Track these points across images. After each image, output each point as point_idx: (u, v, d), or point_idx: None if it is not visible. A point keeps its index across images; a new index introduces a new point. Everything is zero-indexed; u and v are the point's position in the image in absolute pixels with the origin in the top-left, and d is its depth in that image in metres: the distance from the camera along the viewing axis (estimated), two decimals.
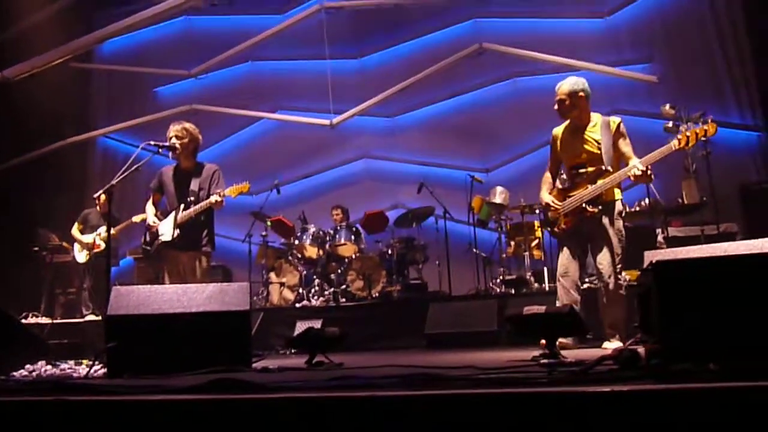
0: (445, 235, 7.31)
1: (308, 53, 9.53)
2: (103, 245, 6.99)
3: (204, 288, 3.47)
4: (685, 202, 6.61)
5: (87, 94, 9.85)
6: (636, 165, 4.01)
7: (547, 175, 4.60)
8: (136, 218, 6.96)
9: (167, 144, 4.74)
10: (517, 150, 8.77)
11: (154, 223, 4.83)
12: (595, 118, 4.34)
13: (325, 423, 1.66)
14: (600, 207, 4.18)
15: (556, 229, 4.46)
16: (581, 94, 4.30)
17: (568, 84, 4.33)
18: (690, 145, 4.04)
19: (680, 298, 1.77)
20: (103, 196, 7.13)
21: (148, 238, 4.88)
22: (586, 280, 5.75)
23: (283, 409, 1.72)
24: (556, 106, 4.39)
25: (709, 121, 4.13)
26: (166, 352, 3.18)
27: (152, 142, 4.63)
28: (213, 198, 4.62)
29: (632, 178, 4.08)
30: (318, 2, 9.08)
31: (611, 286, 4.09)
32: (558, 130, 4.49)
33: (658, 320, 1.79)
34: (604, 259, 4.13)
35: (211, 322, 3.31)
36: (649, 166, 4.02)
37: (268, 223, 7.55)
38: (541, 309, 2.90)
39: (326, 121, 8.95)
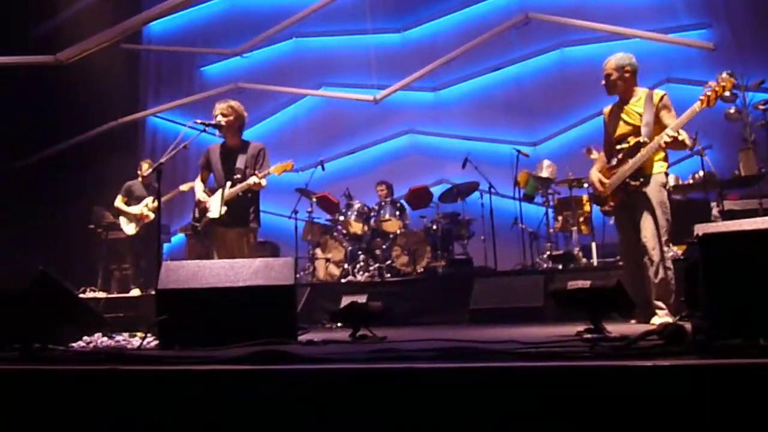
0: (490, 211, 7.25)
1: (351, 28, 9.53)
2: (152, 215, 7.13)
3: (250, 263, 3.54)
4: (743, 173, 6.35)
5: (136, 75, 10.09)
6: (666, 132, 3.98)
7: (601, 155, 4.62)
8: (184, 187, 7.13)
9: (213, 122, 4.82)
10: (565, 122, 8.60)
11: (203, 199, 4.93)
12: (640, 92, 4.31)
13: (364, 394, 1.68)
14: (641, 180, 4.15)
15: (606, 207, 4.48)
16: (627, 68, 4.29)
17: (615, 59, 4.33)
18: (712, 103, 3.96)
19: (727, 271, 1.71)
20: (145, 166, 7.41)
21: (197, 215, 5.00)
22: None
23: (324, 380, 1.76)
24: (603, 82, 4.38)
25: (727, 75, 4.02)
26: (214, 325, 3.27)
27: (198, 121, 4.72)
28: (251, 180, 4.68)
29: (665, 146, 4.03)
30: None
31: (655, 258, 4.01)
32: (607, 108, 4.51)
33: (704, 295, 1.74)
34: (648, 231, 4.07)
35: (258, 296, 3.38)
36: (680, 131, 3.99)
37: (314, 200, 7.63)
38: (586, 283, 2.85)
39: (370, 97, 8.93)
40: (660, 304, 3.97)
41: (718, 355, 1.63)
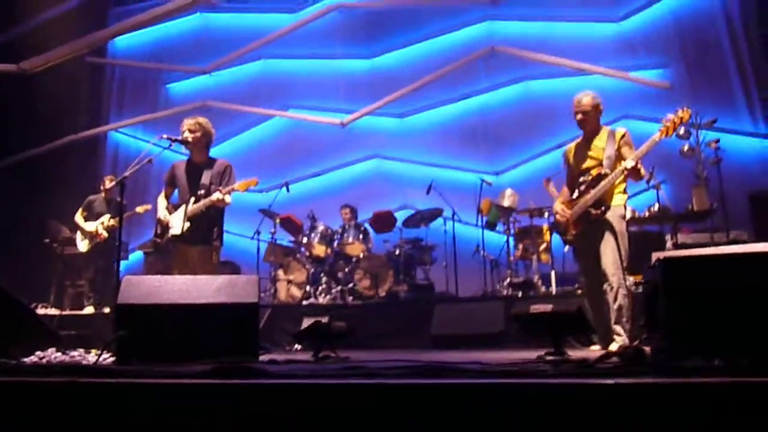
0: (453, 238, 7.33)
1: (321, 52, 9.60)
2: (105, 234, 6.96)
3: (213, 280, 3.50)
4: (695, 208, 6.58)
5: (100, 89, 9.93)
6: (627, 160, 4.20)
7: (564, 189, 4.83)
8: (140, 209, 7.00)
9: (180, 138, 4.79)
10: (527, 153, 8.78)
11: (165, 216, 4.86)
12: (604, 129, 4.58)
13: (334, 410, 1.68)
14: (602, 208, 4.34)
15: (568, 236, 4.62)
16: (600, 108, 4.57)
17: (591, 98, 4.56)
18: (670, 133, 4.22)
19: (685, 294, 1.78)
20: (108, 181, 7.25)
21: (158, 231, 4.92)
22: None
23: (293, 396, 1.74)
24: (579, 117, 4.57)
25: (686, 108, 4.27)
26: (174, 342, 3.21)
27: (165, 136, 4.69)
28: (215, 195, 4.64)
29: (625, 174, 4.25)
30: (332, 1, 9.13)
31: (615, 285, 4.15)
32: (570, 145, 4.76)
33: (663, 316, 1.80)
34: (608, 258, 4.24)
35: (220, 314, 3.34)
36: (640, 162, 4.21)
37: (277, 221, 7.59)
38: (548, 308, 2.91)
39: (337, 120, 8.99)
40: (618, 329, 4.08)
41: (676, 374, 1.68)
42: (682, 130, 6.54)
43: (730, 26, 8.10)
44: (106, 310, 6.50)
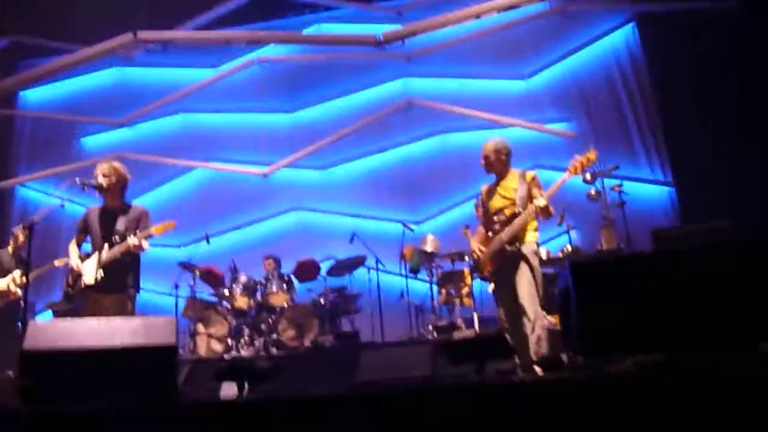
0: (377, 285, 7.38)
1: (242, 107, 9.65)
2: (19, 292, 6.51)
3: (129, 321, 3.37)
4: (605, 248, 6.95)
5: (7, 142, 9.52)
6: (540, 198, 4.50)
7: (480, 228, 5.07)
8: (58, 262, 6.61)
9: (93, 182, 4.65)
10: (446, 203, 9.04)
11: (77, 265, 4.65)
12: (514, 172, 4.89)
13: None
14: (517, 245, 4.57)
15: (485, 274, 4.80)
16: (504, 151, 4.88)
17: (493, 143, 4.92)
18: (579, 172, 4.56)
19: (595, 294, 1.88)
20: (21, 234, 6.79)
21: (70, 281, 4.69)
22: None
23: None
24: (482, 162, 4.93)
25: (592, 149, 4.64)
26: (87, 390, 3.03)
27: (78, 180, 4.54)
28: (131, 240, 4.49)
29: (539, 213, 4.49)
30: (253, 55, 9.27)
31: (532, 317, 4.30)
32: (484, 186, 5.05)
33: (576, 317, 1.89)
34: (524, 292, 4.42)
35: (137, 357, 3.19)
36: (549, 204, 4.50)
37: (197, 273, 7.38)
38: (471, 333, 2.96)
39: (259, 171, 8.99)
40: (538, 362, 4.19)
41: (590, 371, 1.76)
42: (588, 176, 6.98)
43: (626, 85, 8.81)
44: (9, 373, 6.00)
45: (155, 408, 1.93)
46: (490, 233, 4.79)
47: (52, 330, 3.21)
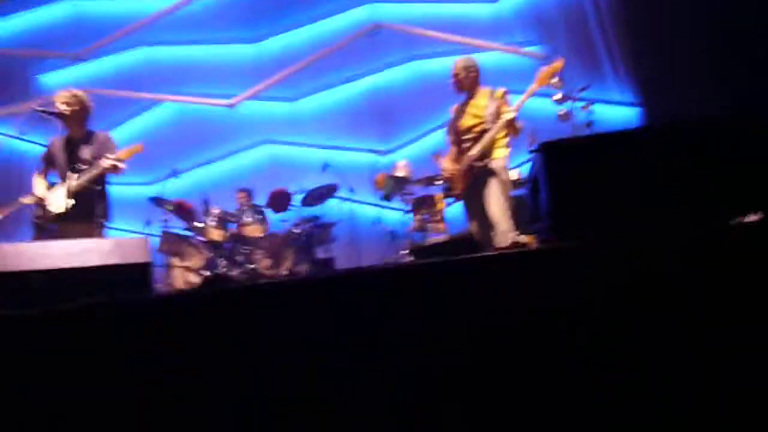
0: (351, 214, 7.41)
1: (204, 38, 9.34)
2: None
3: (101, 242, 3.34)
4: None
5: None
6: (509, 110, 4.58)
7: (452, 148, 5.08)
8: (25, 199, 6.48)
9: (55, 110, 4.51)
10: (418, 131, 9.00)
11: (44, 194, 4.56)
12: (484, 90, 4.91)
13: None
14: (486, 161, 4.59)
15: (456, 192, 4.83)
16: (473, 69, 4.92)
17: (462, 60, 4.97)
18: (545, 81, 4.65)
19: (566, 175, 1.91)
20: None
21: (39, 213, 4.60)
22: None
23: None
24: (452, 80, 4.93)
25: (559, 58, 4.65)
26: None
27: (39, 108, 4.39)
28: (106, 162, 4.41)
29: (509, 130, 4.44)
30: None
31: (503, 227, 4.36)
32: (454, 106, 5.06)
33: (546, 199, 1.92)
34: (494, 206, 4.49)
35: (111, 277, 3.18)
36: (516, 118, 4.57)
37: (169, 208, 7.30)
38: (443, 237, 3.01)
39: (225, 101, 8.81)
40: None
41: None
42: (558, 96, 6.99)
43: (595, 7, 8.71)
44: None
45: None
46: (461, 149, 4.81)
47: (21, 252, 3.16)
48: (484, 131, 4.64)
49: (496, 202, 4.46)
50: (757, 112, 1.91)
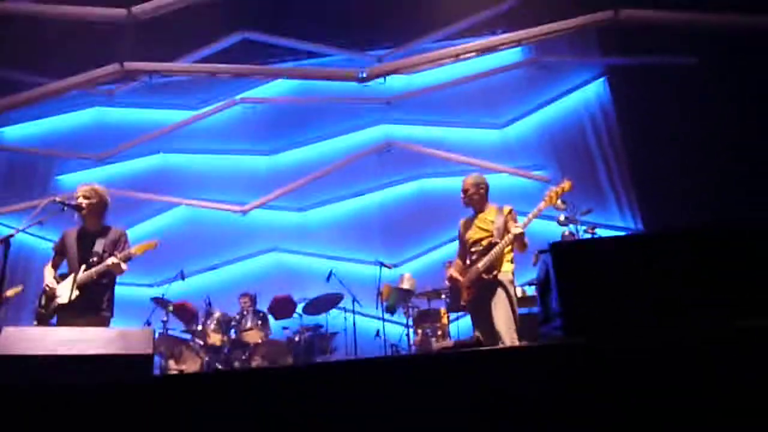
0: (353, 325, 7.34)
1: (221, 148, 9.74)
2: None
3: (104, 331, 3.31)
4: None
5: None
6: (517, 226, 4.69)
7: (457, 260, 5.22)
8: (10, 292, 6.50)
9: (73, 203, 4.64)
10: (423, 247, 9.12)
11: (53, 284, 4.58)
12: (491, 206, 5.09)
13: None
14: (493, 274, 4.65)
15: (462, 302, 4.85)
16: (482, 186, 5.13)
17: (471, 178, 5.19)
18: (553, 201, 4.61)
19: (574, 276, 1.94)
20: None
21: (43, 301, 4.60)
22: None
23: None
24: (462, 195, 5.14)
25: (566, 180, 4.79)
26: None
27: (58, 198, 4.52)
28: (110, 260, 4.47)
29: (514, 245, 4.55)
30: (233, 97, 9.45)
31: (508, 343, 4.33)
32: (463, 219, 5.22)
33: (555, 298, 1.95)
34: (500, 319, 4.49)
35: (112, 367, 3.13)
36: (524, 234, 4.68)
37: (170, 309, 7.26)
38: (450, 343, 2.99)
39: (237, 207, 9.02)
40: None
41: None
42: (562, 218, 7.15)
43: (597, 136, 9.14)
44: None
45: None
46: (468, 262, 4.89)
47: (25, 336, 3.14)
48: (491, 245, 4.75)
49: (503, 314, 4.47)
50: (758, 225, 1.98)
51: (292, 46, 9.20)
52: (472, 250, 4.94)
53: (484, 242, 4.84)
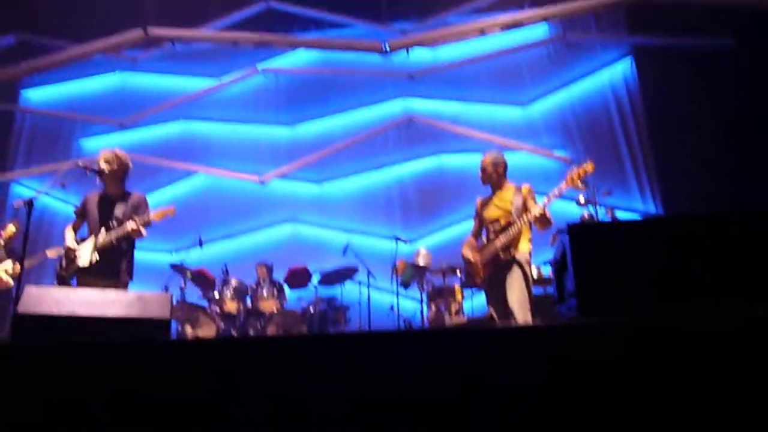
0: (368, 298, 7.38)
1: (242, 117, 9.75)
2: (11, 282, 6.50)
3: (124, 294, 3.37)
4: None
5: (5, 137, 9.56)
6: (537, 206, 4.62)
7: (471, 238, 5.14)
8: (51, 252, 6.61)
9: (95, 167, 4.69)
10: (440, 222, 9.10)
11: (73, 247, 4.65)
12: (510, 185, 5.01)
13: None
14: (511, 251, 4.60)
15: (477, 280, 4.83)
16: (501, 164, 5.05)
17: (490, 156, 5.10)
18: (575, 182, 4.52)
19: (591, 257, 1.93)
20: (9, 229, 6.84)
21: (64, 263, 4.68)
22: None
23: None
24: (480, 174, 5.07)
25: (589, 161, 4.70)
26: None
27: (80, 162, 4.57)
28: (129, 225, 4.52)
29: (535, 224, 4.51)
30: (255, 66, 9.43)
31: (521, 320, 4.33)
32: (480, 198, 5.16)
33: (571, 278, 1.94)
34: (514, 297, 4.48)
35: (130, 329, 3.20)
36: (547, 210, 4.59)
37: (188, 276, 7.36)
38: (463, 320, 3.00)
39: (256, 177, 9.07)
40: None
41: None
42: (582, 199, 7.08)
43: (621, 118, 8.99)
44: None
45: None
46: (484, 240, 4.87)
47: (47, 296, 3.21)
48: (509, 223, 4.71)
49: (517, 294, 4.46)
50: None
51: (316, 17, 9.12)
52: (490, 228, 4.90)
53: (502, 221, 4.79)
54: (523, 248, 4.75)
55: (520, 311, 4.38)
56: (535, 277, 6.15)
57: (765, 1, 6.81)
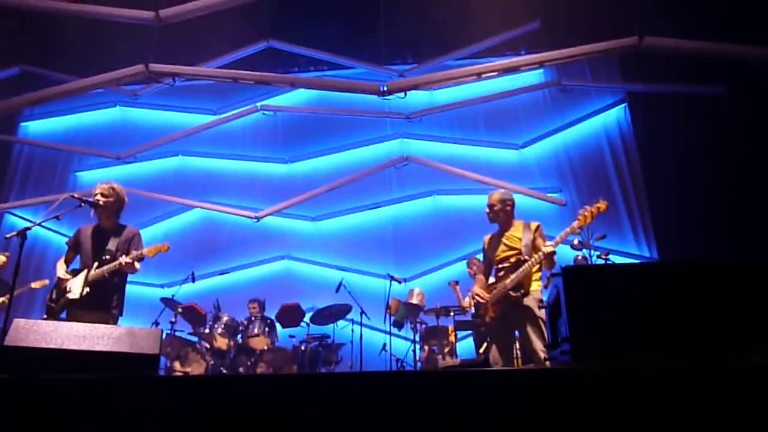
0: (360, 338, 7.31)
1: (239, 154, 9.81)
2: None
3: (113, 329, 3.32)
4: None
5: (3, 166, 9.57)
6: (547, 244, 4.52)
7: (480, 276, 5.07)
8: (36, 284, 6.58)
9: (90, 200, 4.68)
10: (434, 263, 9.08)
11: (65, 277, 4.61)
12: (518, 222, 4.94)
13: None
14: (521, 292, 4.56)
15: (486, 319, 4.76)
16: (509, 202, 4.96)
17: (498, 194, 5.02)
18: (588, 221, 4.51)
19: (584, 299, 1.93)
20: (2, 257, 6.80)
21: (54, 296, 4.63)
22: None
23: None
24: (487, 211, 4.98)
25: (601, 200, 4.65)
26: None
27: (76, 195, 4.57)
28: (122, 259, 4.50)
29: (543, 263, 4.47)
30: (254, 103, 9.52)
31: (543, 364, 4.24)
32: (488, 236, 5.07)
33: (566, 321, 1.93)
34: (537, 343, 4.36)
35: (118, 364, 3.14)
36: (554, 252, 4.50)
37: (179, 310, 7.29)
38: (456, 361, 2.97)
39: (252, 214, 9.06)
40: None
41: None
42: (576, 242, 7.09)
43: (615, 163, 9.09)
44: None
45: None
46: (492, 279, 4.82)
47: (35, 329, 3.16)
48: (519, 262, 4.65)
49: (539, 340, 4.36)
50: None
51: (316, 57, 9.28)
52: (499, 266, 4.84)
53: (512, 259, 4.71)
54: (535, 287, 4.65)
55: (541, 353, 4.29)
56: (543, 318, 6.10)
57: (755, 51, 6.96)
